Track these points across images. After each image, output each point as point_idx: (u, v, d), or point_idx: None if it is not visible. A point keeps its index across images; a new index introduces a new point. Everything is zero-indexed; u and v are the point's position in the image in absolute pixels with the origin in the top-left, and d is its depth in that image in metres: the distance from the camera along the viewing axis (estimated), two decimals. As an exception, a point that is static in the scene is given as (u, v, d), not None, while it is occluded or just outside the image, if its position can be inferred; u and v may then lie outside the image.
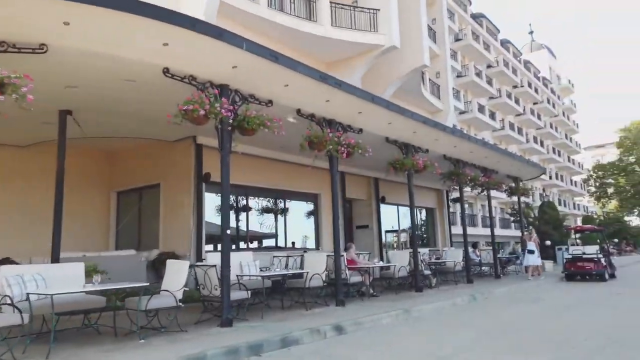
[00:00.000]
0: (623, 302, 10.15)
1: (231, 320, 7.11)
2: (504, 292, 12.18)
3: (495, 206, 41.01)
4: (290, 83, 8.14)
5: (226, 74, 7.41)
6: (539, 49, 65.32)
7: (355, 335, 7.01)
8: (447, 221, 24.39)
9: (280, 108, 8.87)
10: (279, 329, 6.69)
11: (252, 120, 7.60)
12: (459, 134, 13.00)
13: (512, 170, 18.11)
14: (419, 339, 6.73)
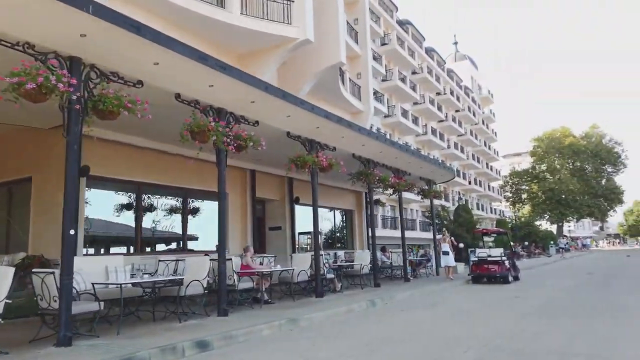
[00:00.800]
0: (518, 306, 10.02)
1: (70, 338, 5.92)
2: (405, 297, 11.79)
3: (417, 209, 41.89)
4: (161, 61, 7.06)
5: (73, 44, 6.21)
6: (462, 60, 68.20)
7: (220, 351, 6.08)
8: (366, 223, 24.14)
9: (155, 91, 7.77)
10: (125, 348, 5.60)
11: (109, 101, 6.44)
12: (365, 132, 12.50)
13: (425, 172, 18.06)
14: (284, 354, 5.92)
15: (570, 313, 8.71)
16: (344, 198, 22.97)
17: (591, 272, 20.18)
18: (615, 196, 64.69)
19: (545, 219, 65.93)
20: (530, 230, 41.99)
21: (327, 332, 7.43)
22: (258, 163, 15.56)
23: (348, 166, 14.18)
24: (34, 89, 5.55)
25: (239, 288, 9.22)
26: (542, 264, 28.00)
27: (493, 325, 7.61)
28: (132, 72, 7.23)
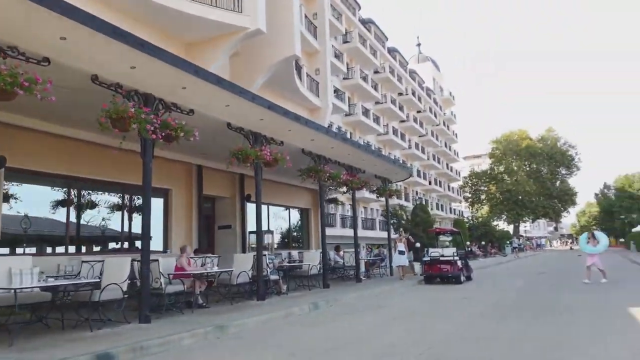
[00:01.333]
0: (466, 308, 9.67)
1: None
2: (352, 299, 11.27)
3: (377, 208, 41.78)
4: (68, 36, 6.22)
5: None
6: (424, 61, 68.85)
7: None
8: (322, 222, 23.60)
9: (68, 71, 6.91)
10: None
11: (1, 79, 5.57)
12: (314, 126, 11.89)
13: (380, 170, 17.66)
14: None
15: (517, 315, 8.40)
16: (300, 196, 22.36)
17: (542, 272, 20.34)
18: (568, 197, 66.95)
19: (503, 219, 67.53)
20: (487, 230, 42.62)
21: (256, 339, 6.78)
22: (205, 158, 14.74)
23: (298, 162, 13.59)
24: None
25: (167, 292, 8.42)
26: (496, 264, 28.27)
27: (435, 330, 7.16)
28: (36, 47, 6.35)
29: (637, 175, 67.15)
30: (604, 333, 6.60)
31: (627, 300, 10.08)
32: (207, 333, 6.87)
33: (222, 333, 7.06)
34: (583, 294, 11.47)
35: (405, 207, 28.96)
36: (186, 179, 15.20)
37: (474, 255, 34.01)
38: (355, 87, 37.86)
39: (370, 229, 38.42)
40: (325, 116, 24.09)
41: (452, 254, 15.21)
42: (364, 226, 36.86)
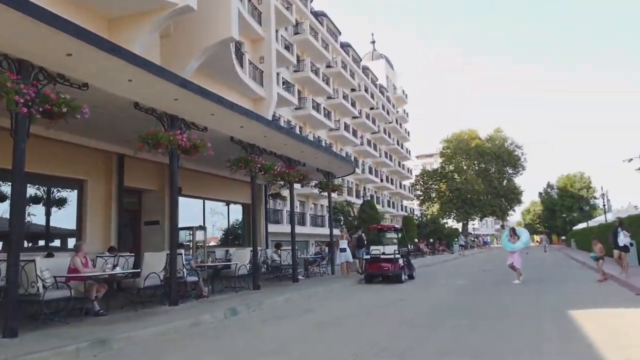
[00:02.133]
0: (400, 311, 8.86)
1: None
2: (280, 302, 10.23)
3: (326, 205, 40.97)
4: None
5: None
6: (378, 59, 68.76)
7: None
8: (265, 219, 22.48)
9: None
10: None
11: None
12: (241, 110, 10.70)
13: (322, 163, 16.71)
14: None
15: (452, 321, 7.63)
16: (241, 191, 21.07)
17: (486, 270, 20.11)
18: (514, 196, 68.93)
19: (452, 217, 68.70)
20: (436, 228, 42.78)
21: (138, 357, 5.60)
22: (129, 146, 13.28)
23: (228, 151, 12.41)
24: None
25: (46, 298, 7.05)
26: (442, 261, 28.10)
27: (358, 339, 6.23)
28: None
29: (579, 175, 70.04)
30: (542, 341, 5.88)
31: (568, 301, 9.60)
32: (79, 350, 5.61)
33: (102, 349, 5.83)
34: (523, 294, 10.96)
35: (353, 203, 28.24)
36: (105, 169, 13.70)
37: (422, 252, 33.88)
38: (305, 80, 36.84)
39: (320, 226, 37.52)
40: (269, 107, 22.92)
41: (393, 252, 14.46)
42: (314, 223, 35.97)
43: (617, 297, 10.11)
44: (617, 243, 13.00)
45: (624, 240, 12.94)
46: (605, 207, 33.97)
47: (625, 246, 12.96)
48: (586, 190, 67.17)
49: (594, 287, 12.12)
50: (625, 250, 13.03)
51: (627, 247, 13.02)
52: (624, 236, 12.95)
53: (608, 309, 8.42)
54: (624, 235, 12.95)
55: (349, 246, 17.27)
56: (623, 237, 12.95)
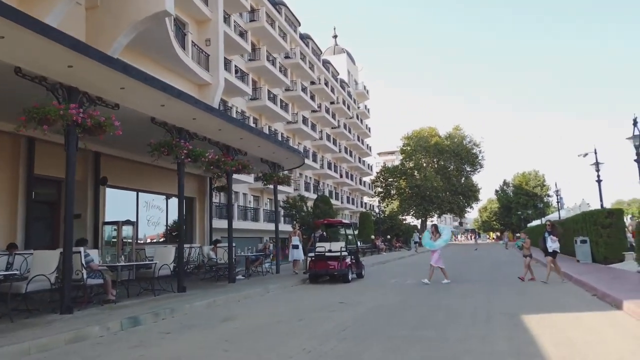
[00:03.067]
0: (332, 318, 7.68)
1: None
2: (202, 307, 8.86)
3: (284, 200, 39.60)
4: None
5: None
6: (340, 53, 67.87)
7: None
8: (209, 214, 20.95)
9: None
10: None
11: None
12: (157, 84, 9.16)
13: (266, 154, 15.39)
14: None
15: (391, 328, 6.55)
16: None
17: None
18: (472, 194, 69.75)
19: (411, 213, 68.82)
20: (393, 224, 42.20)
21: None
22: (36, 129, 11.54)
23: (152, 135, 10.90)
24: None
25: None
26: (398, 258, 27.34)
27: (272, 356, 4.99)
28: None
29: (533, 173, 71.55)
30: (489, 358, 4.82)
31: (522, 304, 8.71)
32: None
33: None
34: (474, 296, 10.05)
35: (307, 198, 27.03)
36: (10, 155, 11.93)
37: (378, 249, 33.10)
38: (261, 69, 35.30)
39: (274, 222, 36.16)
40: (215, 93, 21.35)
41: (339, 249, 13.32)
42: (269, 218, 34.49)
43: (572, 298, 9.33)
44: (547, 249, 12.28)
45: (553, 246, 12.13)
46: (558, 204, 34.25)
47: (555, 252, 12.15)
48: (540, 188, 68.69)
49: (548, 287, 11.37)
50: (554, 256, 12.25)
51: (555, 253, 12.19)
52: (551, 241, 12.17)
53: (565, 314, 7.54)
54: (552, 240, 12.16)
55: (306, 243, 16.29)
56: (551, 242, 12.17)
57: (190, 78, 20.66)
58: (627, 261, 15.56)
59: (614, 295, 8.43)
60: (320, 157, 49.12)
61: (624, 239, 16.13)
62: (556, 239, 12.23)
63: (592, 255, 17.33)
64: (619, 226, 15.97)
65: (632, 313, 7.16)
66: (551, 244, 12.18)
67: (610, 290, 9.05)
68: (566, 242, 23.07)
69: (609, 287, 9.57)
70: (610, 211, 16.26)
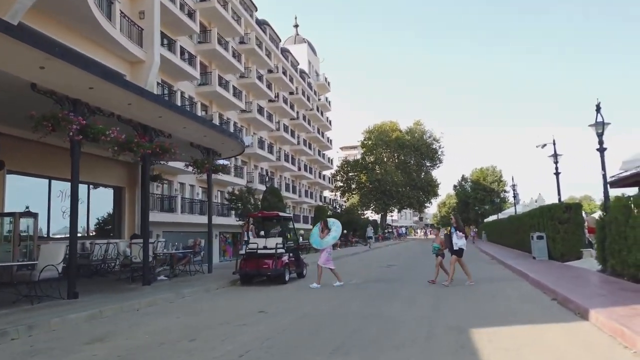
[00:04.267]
0: (240, 335, 6.06)
1: None
2: (74, 321, 7.03)
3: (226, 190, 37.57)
4: None
5: None
6: (301, 43, 66.06)
7: None
8: (141, 205, 18.84)
9: None
10: None
11: None
12: (31, 40, 7.24)
13: (195, 136, 13.56)
14: None
15: (308, 351, 4.99)
16: (110, 171, 17.40)
17: (391, 265, 18.11)
18: (431, 189, 69.71)
19: (371, 208, 68.09)
20: (350, 218, 40.95)
21: None
22: None
23: (39, 107, 8.91)
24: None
25: None
26: (351, 254, 26.01)
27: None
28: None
29: (491, 168, 72.20)
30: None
31: (474, 312, 7.34)
32: None
33: None
34: (420, 302, 8.67)
35: (255, 189, 25.22)
36: None
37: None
38: (211, 53, 33.07)
39: (225, 216, 34.14)
40: (149, 72, 19.25)
41: (275, 246, 11.69)
42: (219, 212, 32.43)
43: (530, 303, 8.07)
44: (452, 247, 10.85)
45: (459, 243, 10.74)
46: (515, 198, 33.93)
47: (461, 250, 10.78)
48: (497, 184, 69.37)
49: (503, 289, 10.15)
50: (460, 254, 10.85)
51: (462, 251, 10.83)
52: (457, 238, 10.77)
53: (522, 327, 6.20)
54: (458, 236, 10.77)
55: None
56: (457, 239, 10.76)
57: (121, 54, 18.53)
58: (585, 258, 14.71)
59: (577, 302, 7.20)
60: (277, 148, 47.30)
61: (582, 235, 15.26)
62: (462, 235, 10.83)
63: (548, 251, 16.45)
64: (577, 221, 15.08)
65: (601, 325, 5.89)
66: (457, 241, 10.74)
67: (573, 295, 7.84)
68: (522, 237, 22.46)
69: (570, 291, 8.38)
70: (569, 205, 15.35)
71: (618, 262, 9.98)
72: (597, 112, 11.40)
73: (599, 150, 11.38)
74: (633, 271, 9.15)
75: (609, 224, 10.49)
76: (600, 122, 11.35)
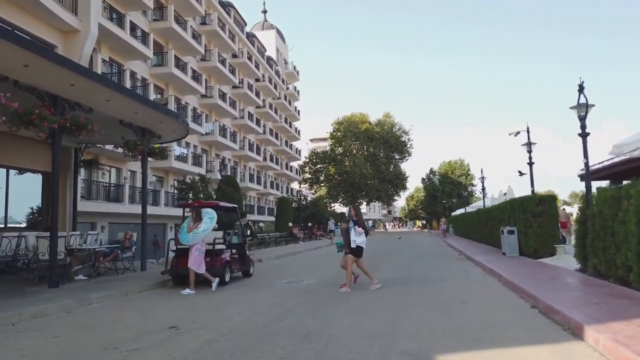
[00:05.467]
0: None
1: None
2: None
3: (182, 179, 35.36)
4: None
5: None
6: (269, 29, 63.85)
7: None
8: (73, 193, 16.71)
9: None
10: None
11: None
12: None
13: (125, 113, 11.62)
14: None
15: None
16: (36, 154, 15.15)
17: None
18: (400, 182, 68.99)
19: (339, 200, 66.82)
20: (316, 211, 39.42)
21: None
22: None
23: None
24: None
25: None
26: (313, 248, 24.45)
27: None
28: None
29: (459, 162, 72.01)
30: None
31: (438, 326, 5.87)
32: None
33: None
34: (373, 309, 7.18)
35: (209, 178, 23.28)
36: None
37: (295, 238, 30.13)
38: (168, 32, 30.79)
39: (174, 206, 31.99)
40: (84, 43, 17.03)
41: (213, 242, 9.95)
42: (171, 203, 30.30)
43: (507, 313, 6.68)
44: (350, 244, 9.04)
45: (357, 240, 8.92)
46: (483, 191, 33.14)
47: (360, 248, 8.99)
48: (465, 177, 69.22)
49: (474, 293, 8.78)
50: (359, 254, 9.07)
51: (361, 250, 9.03)
52: (356, 234, 8.92)
53: (502, 350, 4.74)
54: (357, 232, 8.93)
55: None
56: (355, 235, 8.93)
57: (53, 22, 16.30)
58: (559, 255, 13.60)
59: (565, 313, 5.83)
60: (241, 137, 45.25)
61: (556, 230, 14.14)
62: (362, 232, 8.98)
63: (519, 247, 15.33)
64: (551, 215, 13.93)
65: (604, 350, 4.50)
66: (355, 237, 8.92)
67: (557, 303, 6.48)
68: (491, 231, 21.42)
69: (553, 297, 7.03)
70: (542, 198, 14.19)
71: (602, 261, 8.75)
72: (580, 92, 10.12)
73: (582, 136, 10.12)
74: (622, 273, 7.91)
75: (592, 218, 9.25)
76: (583, 104, 10.07)
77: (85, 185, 23.19)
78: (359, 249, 9.05)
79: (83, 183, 23.02)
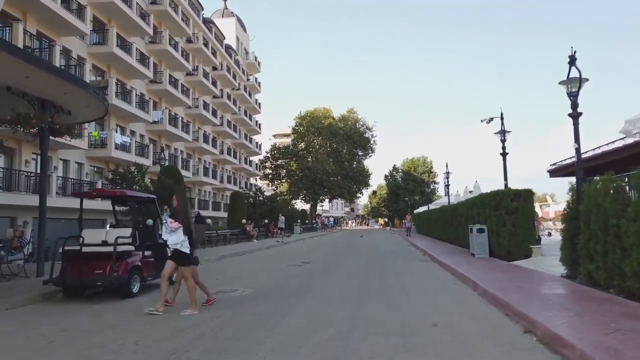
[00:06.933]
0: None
1: None
2: None
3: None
4: None
5: None
6: (229, 17, 60.95)
7: None
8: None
9: None
10: None
11: None
12: None
13: (14, 77, 9.13)
14: None
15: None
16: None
17: (306, 262, 14.66)
18: (363, 179, 67.65)
19: (301, 197, 64.77)
20: (274, 207, 37.20)
21: None
22: None
23: None
24: None
25: None
26: (265, 247, 22.29)
27: None
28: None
29: (422, 159, 71.37)
30: None
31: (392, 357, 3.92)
32: None
33: None
34: (315, 340, 5.19)
35: (147, 167, 20.70)
36: None
37: (249, 236, 27.87)
38: (110, 8, 27.84)
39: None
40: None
41: (115, 242, 7.68)
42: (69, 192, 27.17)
43: (493, 341, 4.82)
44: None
45: (170, 240, 6.66)
46: (448, 187, 31.93)
47: (178, 253, 6.67)
48: (427, 174, 68.60)
49: (447, 310, 6.93)
50: (181, 261, 6.67)
51: (184, 256, 6.70)
52: (167, 230, 6.69)
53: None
54: (168, 229, 6.69)
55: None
56: (167, 233, 6.71)
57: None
58: (535, 257, 12.06)
59: (582, 349, 4.01)
60: (195, 128, 42.43)
61: (532, 229, 12.59)
62: (178, 227, 6.62)
63: (490, 247, 13.77)
64: (527, 212, 12.37)
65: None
66: (167, 236, 6.70)
67: (563, 329, 4.68)
68: (457, 230, 19.87)
69: (553, 319, 5.25)
70: (518, 192, 12.59)
71: (601, 268, 7.08)
72: (571, 65, 8.45)
73: (572, 116, 8.45)
74: (631, 284, 6.23)
75: (587, 214, 7.59)
76: (574, 78, 8.41)
77: (5, 175, 20.20)
78: (179, 254, 6.58)
79: (1, 172, 20.05)
